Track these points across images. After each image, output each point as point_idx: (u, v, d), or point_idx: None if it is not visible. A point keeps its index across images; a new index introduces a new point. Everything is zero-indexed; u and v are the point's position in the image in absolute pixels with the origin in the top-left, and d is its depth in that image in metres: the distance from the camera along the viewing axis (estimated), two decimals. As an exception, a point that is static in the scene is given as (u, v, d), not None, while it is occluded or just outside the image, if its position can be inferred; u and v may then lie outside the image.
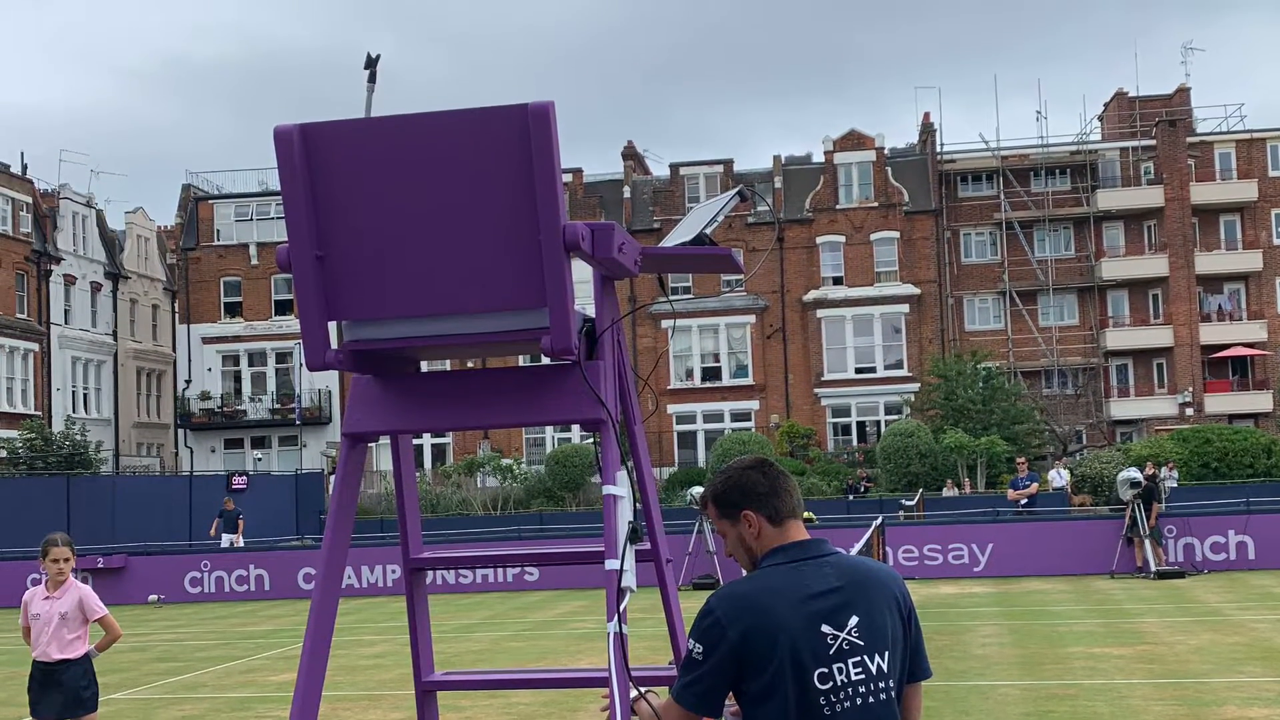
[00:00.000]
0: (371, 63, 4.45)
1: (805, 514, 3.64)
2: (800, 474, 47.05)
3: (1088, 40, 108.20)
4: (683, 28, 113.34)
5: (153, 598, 30.60)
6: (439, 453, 59.82)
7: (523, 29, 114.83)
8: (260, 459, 60.48)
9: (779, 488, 3.64)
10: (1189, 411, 56.64)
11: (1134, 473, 27.85)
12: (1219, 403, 57.47)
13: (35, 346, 57.53)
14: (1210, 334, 58.30)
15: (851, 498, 43.82)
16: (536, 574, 29.82)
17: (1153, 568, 26.39)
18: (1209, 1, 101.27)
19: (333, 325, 4.18)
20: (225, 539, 34.37)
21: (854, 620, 3.49)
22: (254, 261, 61.84)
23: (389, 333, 4.16)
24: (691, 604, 3.95)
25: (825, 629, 3.46)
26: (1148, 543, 26.74)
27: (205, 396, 62.19)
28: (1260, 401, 57.04)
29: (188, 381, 62.87)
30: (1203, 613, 20.30)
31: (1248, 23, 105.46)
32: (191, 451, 62.20)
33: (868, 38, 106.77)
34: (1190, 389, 57.58)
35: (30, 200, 58.11)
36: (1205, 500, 35.41)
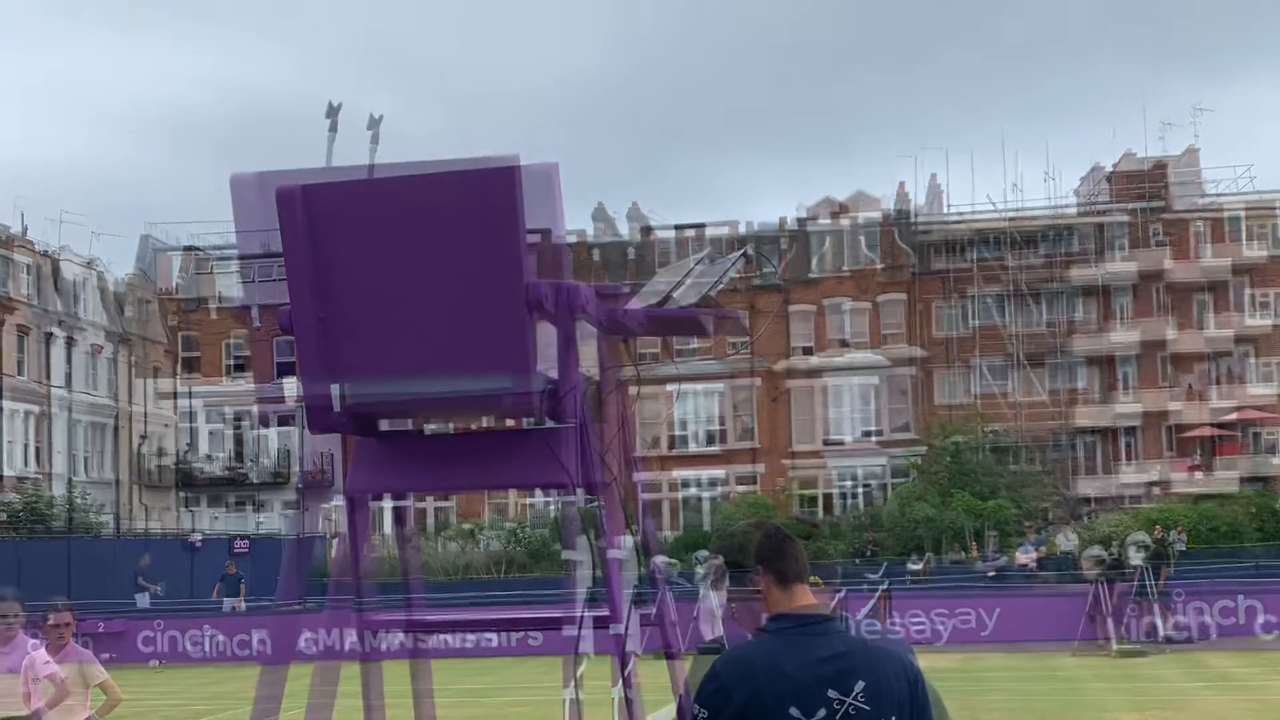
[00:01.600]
0: (333, 111, 4.42)
1: (812, 578, 3.59)
2: (806, 537, 46.77)
3: (1065, 111, 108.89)
4: (657, 90, 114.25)
5: (153, 662, 30.38)
6: (441, 516, 59.49)
7: (509, 84, 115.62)
8: (216, 519, 60.46)
9: (785, 551, 3.60)
10: (1198, 475, 56.13)
11: (1143, 536, 27.76)
12: (1229, 467, 57.04)
13: (36, 409, 57.34)
14: (1219, 400, 57.96)
15: (858, 561, 43.54)
16: (495, 640, 29.02)
17: (1162, 632, 26.15)
18: (1189, 78, 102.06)
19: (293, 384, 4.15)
20: (227, 603, 34.19)
21: (860, 685, 3.42)
22: (213, 316, 61.74)
23: (386, 391, 4.12)
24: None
25: (831, 693, 3.41)
26: (1156, 606, 26.52)
27: (209, 459, 62.18)
28: (1272, 467, 56.37)
29: (143, 437, 62.70)
30: (1212, 678, 20.10)
31: (1261, 87, 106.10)
32: (193, 514, 62.01)
33: (845, 102, 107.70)
34: (1199, 453, 57.23)
35: (30, 262, 58.05)
36: (1215, 564, 35.20)
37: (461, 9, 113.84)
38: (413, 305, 3.95)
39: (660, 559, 22.62)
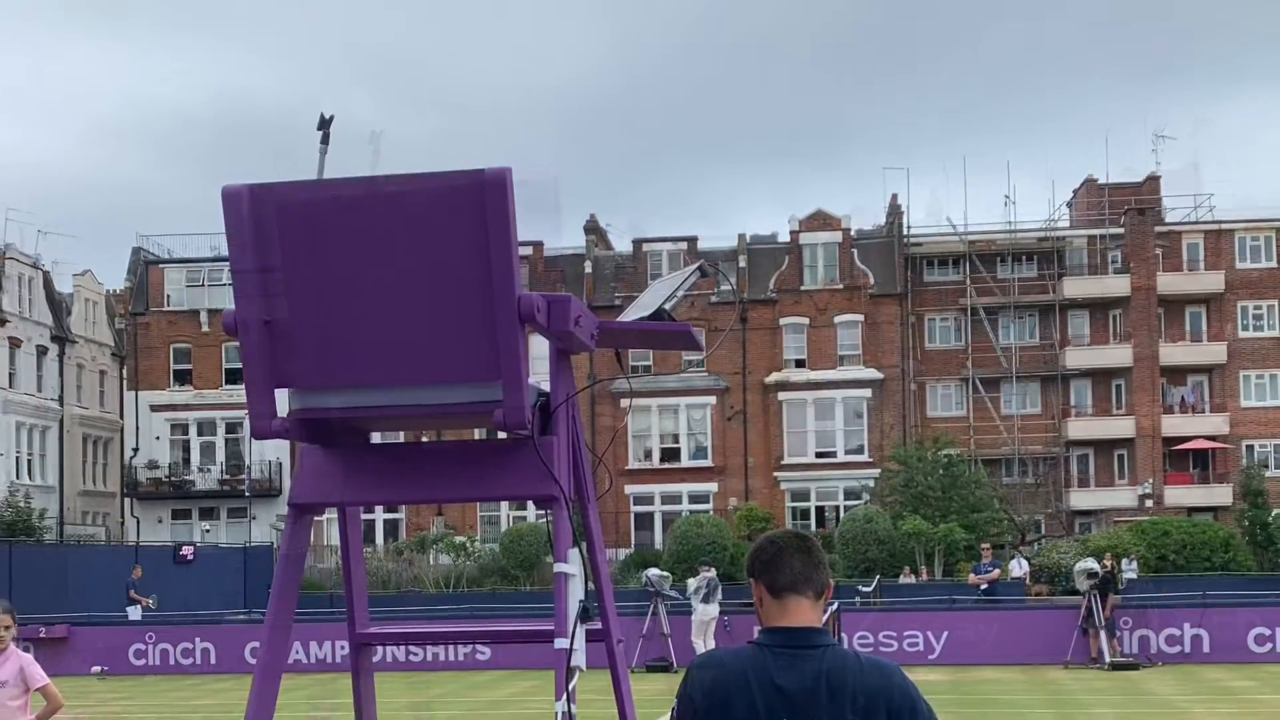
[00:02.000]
0: (324, 123, 4.37)
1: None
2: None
3: (1059, 124, 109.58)
4: (651, 101, 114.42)
5: (96, 669, 30.04)
6: (391, 528, 59.29)
7: (502, 94, 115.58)
8: (208, 530, 59.80)
9: (780, 561, 3.54)
10: (1148, 503, 56.71)
11: (1091, 563, 27.94)
12: (1179, 495, 57.41)
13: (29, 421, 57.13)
14: (1172, 426, 58.23)
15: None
16: (488, 652, 29.45)
17: (1107, 659, 26.32)
18: (1185, 92, 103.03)
19: (282, 393, 4.08)
20: (133, 611, 33.69)
21: (853, 702, 3.33)
22: (205, 328, 61.35)
23: (338, 401, 4.07)
24: (643, 685, 3.85)
25: (825, 709, 3.35)
26: (1103, 634, 26.71)
27: (153, 465, 61.50)
28: (1220, 495, 56.95)
29: (135, 450, 62.16)
30: (1155, 705, 20.22)
31: (1224, 111, 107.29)
32: (138, 521, 61.40)
33: (839, 114, 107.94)
34: (1150, 481, 57.68)
35: (21, 274, 57.70)
36: (1163, 593, 35.46)
37: (454, 18, 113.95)
38: (390, 313, 3.89)
39: (654, 572, 22.64)
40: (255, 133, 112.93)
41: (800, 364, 59.44)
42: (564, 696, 3.81)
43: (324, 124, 4.35)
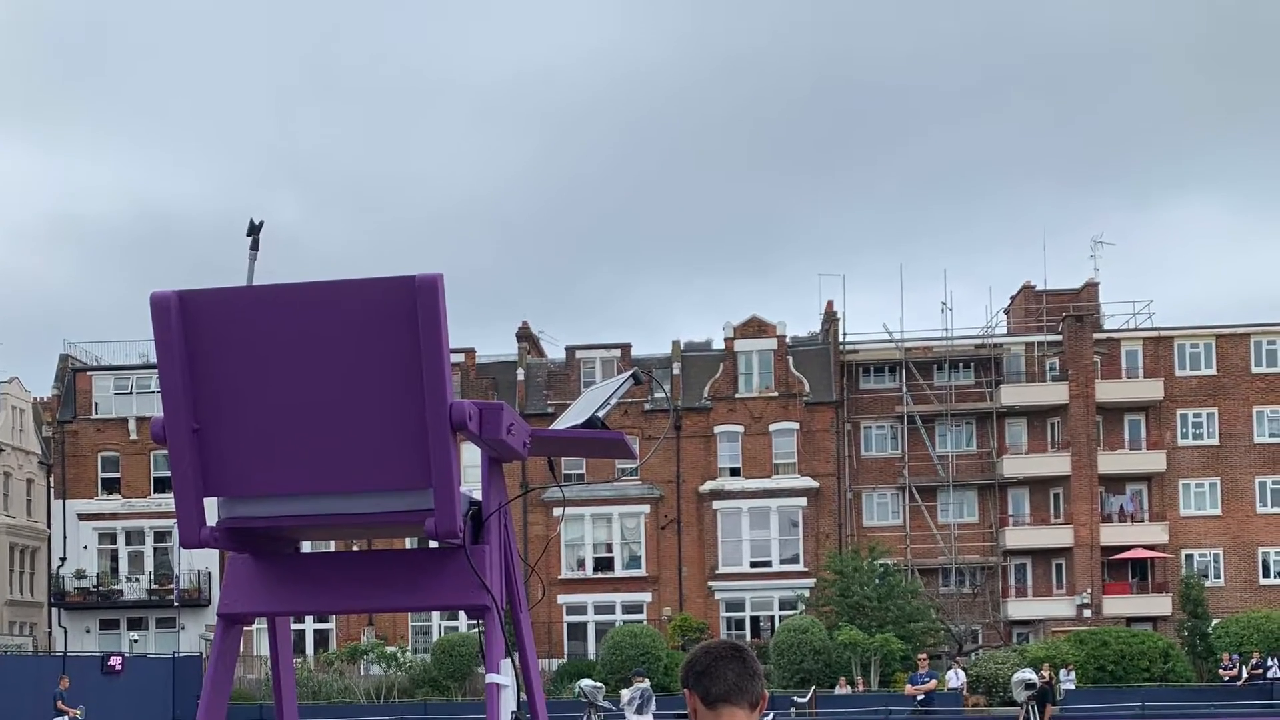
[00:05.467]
0: (254, 229, 4.36)
1: None
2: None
3: (996, 229, 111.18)
4: (584, 207, 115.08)
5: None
6: (322, 638, 58.47)
7: (432, 200, 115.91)
8: (137, 640, 58.79)
9: (714, 671, 3.50)
10: (1087, 613, 56.75)
11: (1029, 674, 27.92)
12: (1118, 605, 57.42)
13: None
14: (1111, 535, 58.33)
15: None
16: None
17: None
18: (1122, 199, 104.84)
19: (211, 501, 4.03)
20: None
21: None
22: (133, 436, 60.70)
23: (267, 510, 4.01)
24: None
25: None
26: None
27: (81, 575, 60.57)
28: (1159, 605, 56.98)
29: (63, 559, 61.17)
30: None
31: (1159, 222, 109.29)
32: (66, 631, 60.28)
33: (773, 220, 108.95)
34: (1089, 590, 57.66)
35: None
36: (1101, 704, 35.51)
37: (382, 123, 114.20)
38: (320, 421, 3.85)
39: (587, 683, 22.36)
40: (181, 239, 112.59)
41: (735, 472, 59.42)
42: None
43: (254, 230, 4.34)
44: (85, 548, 61.12)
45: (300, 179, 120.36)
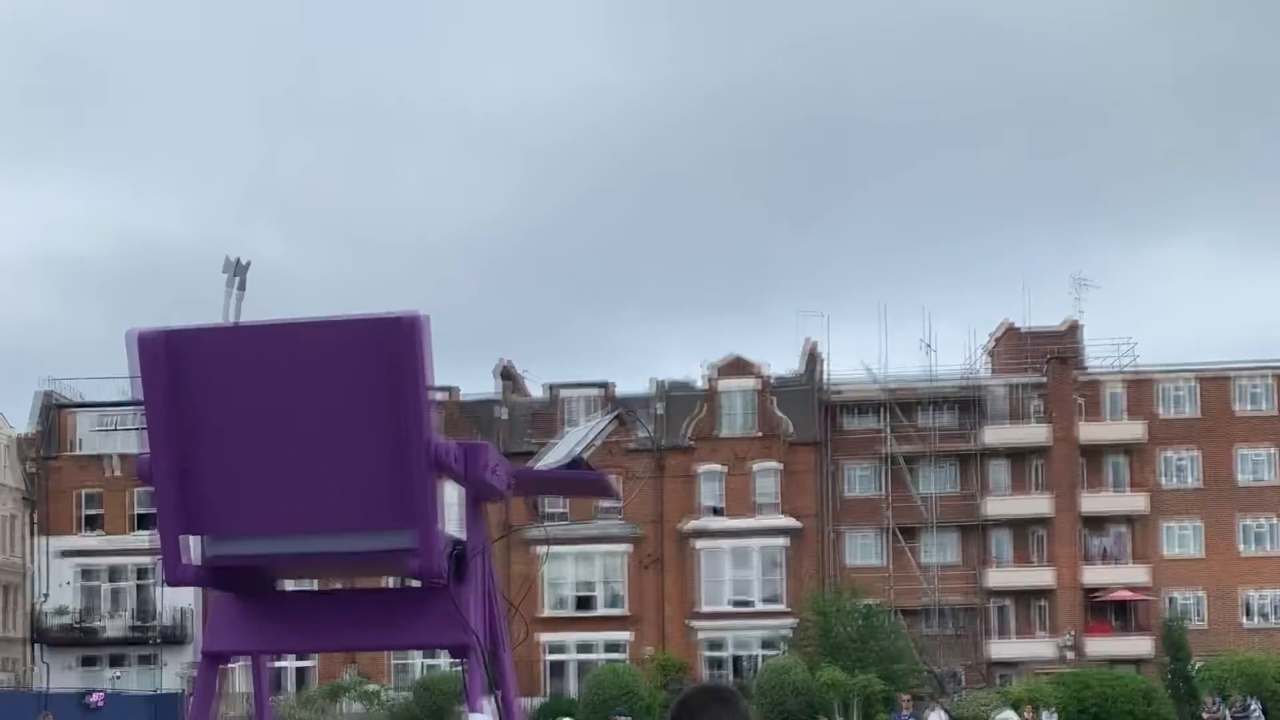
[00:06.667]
0: (241, 270, 4.40)
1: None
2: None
3: (979, 268, 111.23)
4: (565, 245, 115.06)
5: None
6: (302, 676, 58.09)
7: (414, 237, 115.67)
8: (118, 677, 58.41)
9: (702, 713, 3.53)
10: (1069, 654, 56.62)
11: (1010, 714, 27.89)
12: (1100, 646, 57.25)
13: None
14: (1093, 576, 58.31)
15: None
16: None
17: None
18: (1106, 239, 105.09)
19: (194, 539, 4.04)
20: None
21: None
22: (115, 473, 60.35)
23: (250, 549, 4.03)
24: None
25: None
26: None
27: (62, 612, 60.19)
28: (1141, 646, 56.80)
29: (44, 595, 60.77)
30: None
31: (1142, 262, 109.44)
32: (47, 667, 59.81)
33: (755, 259, 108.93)
34: (1071, 631, 57.59)
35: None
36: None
37: (364, 158, 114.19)
38: (303, 460, 3.87)
39: None
40: (163, 272, 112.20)
41: (717, 512, 59.30)
42: None
43: (239, 269, 4.37)
44: (66, 584, 60.83)
45: (282, 212, 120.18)
